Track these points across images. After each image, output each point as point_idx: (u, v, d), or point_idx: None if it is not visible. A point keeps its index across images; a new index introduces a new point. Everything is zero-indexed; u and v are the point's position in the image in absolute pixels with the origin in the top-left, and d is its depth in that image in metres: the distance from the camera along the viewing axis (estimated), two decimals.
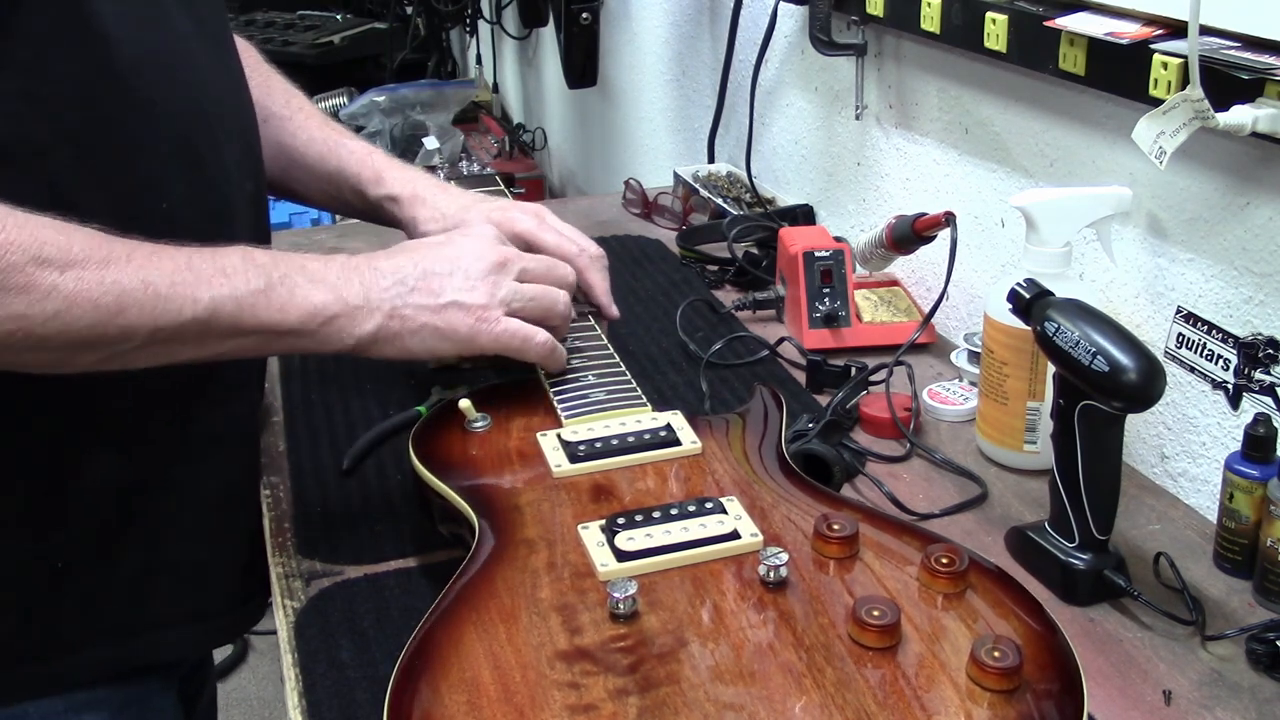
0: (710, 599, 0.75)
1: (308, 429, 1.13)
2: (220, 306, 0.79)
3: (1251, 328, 0.95)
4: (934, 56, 1.32)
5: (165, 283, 0.77)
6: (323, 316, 0.83)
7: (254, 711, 2.37)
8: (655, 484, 0.88)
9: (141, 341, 0.76)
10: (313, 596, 0.91)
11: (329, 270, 0.86)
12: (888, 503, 1.01)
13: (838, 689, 0.68)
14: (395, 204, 1.10)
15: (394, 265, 0.89)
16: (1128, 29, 1.00)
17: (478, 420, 0.95)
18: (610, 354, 1.03)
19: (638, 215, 1.73)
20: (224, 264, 0.80)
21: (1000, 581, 0.77)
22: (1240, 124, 0.87)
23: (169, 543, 0.91)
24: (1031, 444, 1.05)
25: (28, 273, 0.71)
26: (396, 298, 0.87)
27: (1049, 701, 0.67)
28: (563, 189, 3.05)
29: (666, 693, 0.68)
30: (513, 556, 0.79)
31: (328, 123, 1.13)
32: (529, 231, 1.07)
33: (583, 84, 2.34)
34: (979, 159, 1.27)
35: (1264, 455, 0.89)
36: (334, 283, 0.85)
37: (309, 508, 1.01)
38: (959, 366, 1.22)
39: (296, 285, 0.83)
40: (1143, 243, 1.05)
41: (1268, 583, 0.88)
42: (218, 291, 0.79)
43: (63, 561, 0.86)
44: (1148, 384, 0.83)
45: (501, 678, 0.69)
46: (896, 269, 1.40)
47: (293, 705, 0.81)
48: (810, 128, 1.62)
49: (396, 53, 3.41)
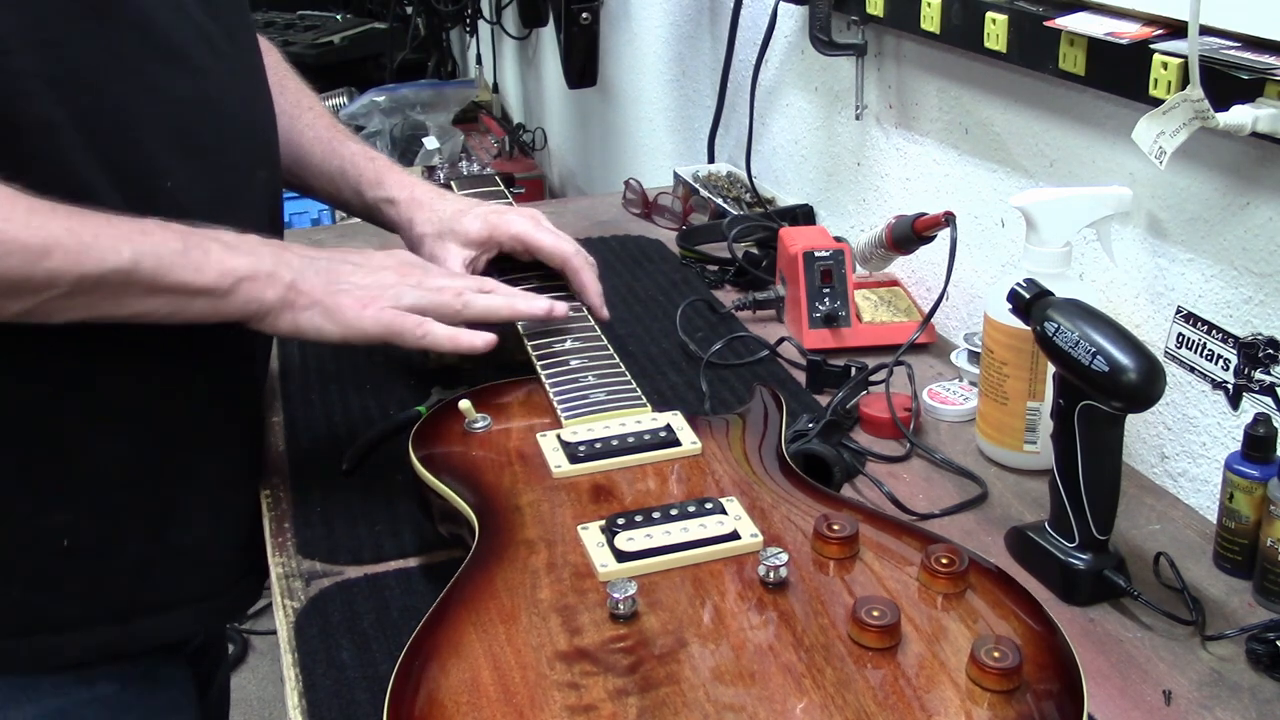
0: (710, 599, 0.75)
1: (308, 429, 1.14)
2: (141, 260, 0.81)
3: (1251, 328, 0.95)
4: (934, 56, 1.32)
5: (89, 233, 0.79)
6: (234, 277, 0.86)
7: (254, 711, 2.36)
8: (655, 484, 0.88)
9: (66, 289, 0.78)
10: (313, 596, 0.91)
11: (244, 241, 0.88)
12: (888, 503, 1.01)
13: (838, 689, 0.68)
14: (392, 206, 1.11)
15: (309, 251, 0.93)
16: (1128, 29, 1.00)
17: (478, 420, 0.95)
18: (610, 354, 1.03)
19: (638, 215, 1.73)
20: (143, 225, 0.82)
21: (1000, 582, 0.77)
22: (1240, 124, 0.87)
23: (175, 527, 0.92)
24: (1031, 444, 1.05)
25: None
26: (299, 275, 0.90)
27: (1049, 702, 0.67)
28: (563, 189, 3.05)
29: (666, 693, 0.68)
30: (513, 557, 0.79)
31: (336, 125, 1.16)
32: (525, 234, 1.08)
33: (583, 84, 2.35)
34: (979, 159, 1.27)
35: (1264, 455, 0.89)
36: (247, 250, 0.88)
37: (309, 508, 1.01)
38: (959, 366, 1.22)
39: (211, 249, 0.85)
40: (1143, 243, 1.05)
41: (1268, 583, 0.88)
42: (139, 246, 0.81)
43: (68, 540, 0.88)
44: (1148, 384, 0.83)
45: (501, 678, 0.69)
46: (896, 269, 1.40)
47: (293, 705, 0.81)
48: (810, 128, 1.62)
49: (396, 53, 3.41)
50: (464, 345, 0.94)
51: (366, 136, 2.75)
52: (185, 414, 0.93)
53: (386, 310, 0.92)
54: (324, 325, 0.90)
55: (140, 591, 0.92)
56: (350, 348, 1.13)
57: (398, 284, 0.94)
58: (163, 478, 0.92)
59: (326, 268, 0.92)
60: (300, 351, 1.27)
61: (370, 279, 0.93)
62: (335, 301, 0.90)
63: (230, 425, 0.98)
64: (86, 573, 0.89)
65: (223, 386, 0.96)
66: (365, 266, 0.94)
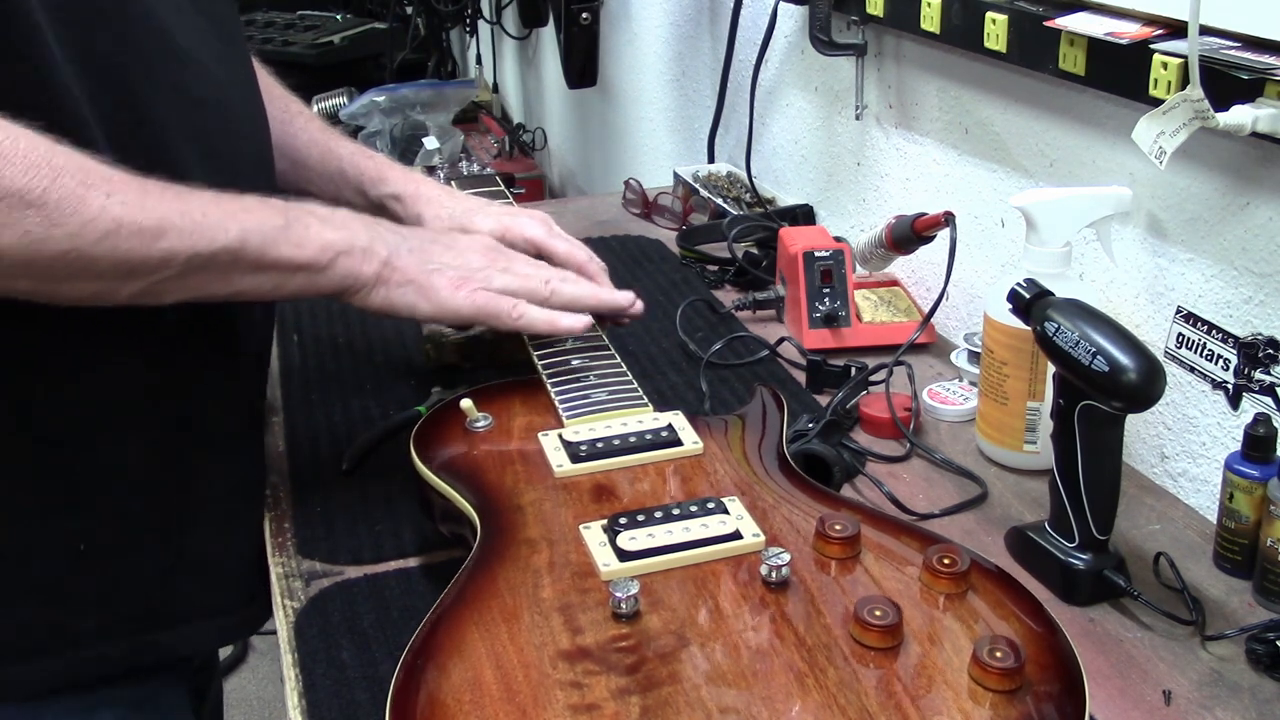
0: (712, 599, 0.75)
1: (308, 429, 1.14)
2: (248, 237, 0.82)
3: (1251, 328, 0.95)
4: (934, 56, 1.32)
5: (198, 211, 0.80)
6: (333, 251, 0.88)
7: (254, 711, 2.37)
8: (657, 484, 0.88)
9: (178, 269, 0.79)
10: (313, 596, 0.91)
11: (337, 214, 0.91)
12: (888, 503, 1.01)
13: (839, 689, 0.68)
14: (399, 202, 1.11)
15: (401, 229, 0.95)
16: (1128, 29, 1.00)
17: (479, 420, 0.95)
18: (611, 354, 1.03)
19: (638, 215, 1.73)
20: (245, 203, 0.84)
21: (1001, 582, 0.77)
22: (1240, 124, 0.87)
23: (188, 536, 0.92)
24: (1031, 444, 1.05)
25: (79, 195, 0.74)
26: (394, 251, 0.92)
27: (1050, 702, 0.68)
28: (563, 189, 3.05)
29: (668, 692, 0.68)
30: (515, 556, 0.79)
31: (326, 127, 1.16)
32: (539, 238, 1.08)
33: (583, 84, 2.34)
34: (979, 159, 1.27)
35: (1264, 455, 0.89)
36: (342, 224, 0.90)
37: (309, 508, 1.01)
38: (959, 366, 1.22)
39: (310, 224, 0.87)
40: (1143, 243, 1.05)
41: (1268, 583, 0.88)
42: (245, 223, 0.82)
43: (84, 545, 0.87)
44: (1148, 384, 0.83)
45: (504, 677, 0.69)
46: (896, 269, 1.40)
47: (293, 705, 0.81)
48: (810, 128, 1.62)
49: (396, 53, 3.41)
50: (563, 328, 0.98)
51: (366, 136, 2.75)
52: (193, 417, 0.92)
53: (480, 292, 0.94)
54: (418, 302, 0.92)
55: (157, 602, 0.91)
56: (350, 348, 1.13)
57: (487, 267, 0.96)
58: (175, 484, 0.91)
59: (419, 246, 0.94)
60: (300, 352, 1.27)
61: (461, 260, 0.95)
62: (429, 280, 0.92)
63: (239, 430, 0.97)
64: (103, 582, 0.88)
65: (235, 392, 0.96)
66: (455, 248, 0.96)
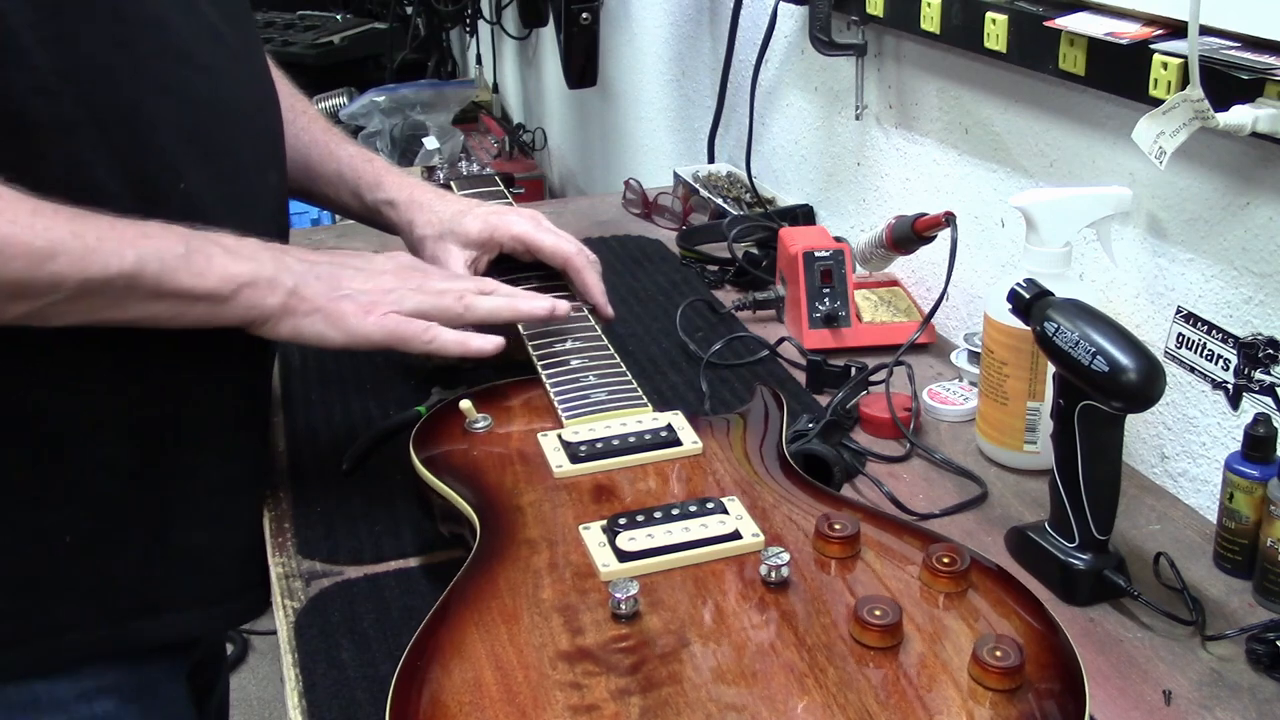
0: (712, 599, 0.75)
1: (308, 429, 1.14)
2: (145, 265, 0.80)
3: (1251, 328, 0.95)
4: (934, 56, 1.32)
5: (93, 235, 0.78)
6: (236, 282, 0.85)
7: (254, 711, 2.37)
8: (656, 484, 0.88)
9: (69, 293, 0.77)
10: (313, 596, 0.91)
11: (244, 245, 0.87)
12: (888, 503, 1.01)
13: (840, 689, 0.68)
14: (392, 208, 1.11)
15: (310, 256, 0.92)
16: (1128, 29, 1.00)
17: (478, 420, 0.95)
18: (611, 354, 1.03)
19: (638, 215, 1.73)
20: (145, 229, 0.82)
21: (1001, 581, 0.77)
22: (1240, 124, 0.87)
23: (175, 526, 0.92)
24: (1031, 444, 1.05)
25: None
26: (301, 280, 0.89)
27: (1051, 701, 0.68)
28: (563, 189, 3.05)
29: (669, 693, 0.68)
30: (514, 557, 0.79)
31: (330, 128, 1.16)
32: (526, 234, 1.08)
33: (583, 84, 2.35)
34: (979, 159, 1.27)
35: (1264, 455, 0.89)
36: (248, 255, 0.87)
37: (309, 508, 1.01)
38: (959, 366, 1.22)
39: (214, 254, 0.84)
40: (1143, 243, 1.05)
41: (1268, 583, 0.88)
42: (143, 250, 0.80)
43: (69, 536, 0.87)
44: (1148, 384, 0.83)
45: (504, 678, 0.69)
46: (896, 269, 1.40)
47: (293, 705, 0.81)
48: (810, 128, 1.62)
49: (396, 53, 3.41)
50: (473, 350, 0.94)
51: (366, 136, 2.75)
52: (182, 412, 0.92)
53: (390, 316, 0.91)
54: (326, 332, 0.90)
55: (143, 591, 0.92)
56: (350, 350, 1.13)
57: (398, 288, 0.93)
58: (162, 477, 0.91)
59: (328, 273, 0.91)
60: (300, 352, 1.27)
61: (371, 284, 0.92)
62: (337, 308, 0.89)
63: (231, 427, 0.97)
64: (89, 570, 0.89)
65: (225, 387, 0.96)
66: (366, 271, 0.93)
